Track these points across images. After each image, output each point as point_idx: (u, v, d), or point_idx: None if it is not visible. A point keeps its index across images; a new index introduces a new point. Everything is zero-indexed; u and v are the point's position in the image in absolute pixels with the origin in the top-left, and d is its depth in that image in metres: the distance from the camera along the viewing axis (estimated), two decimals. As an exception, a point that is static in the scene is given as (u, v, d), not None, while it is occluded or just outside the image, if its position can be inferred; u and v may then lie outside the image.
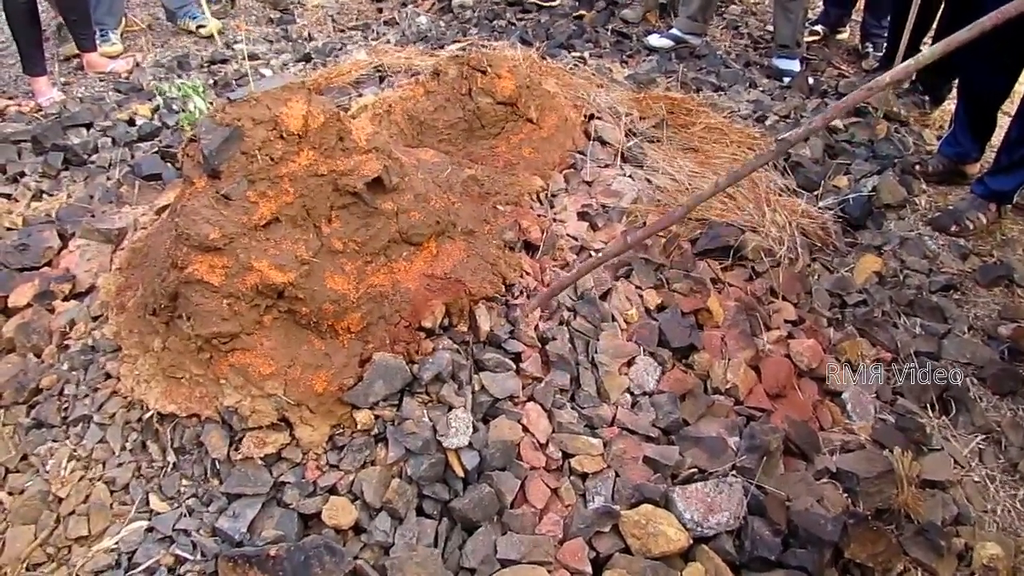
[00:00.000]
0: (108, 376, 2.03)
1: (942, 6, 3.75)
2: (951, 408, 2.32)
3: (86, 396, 2.00)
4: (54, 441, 1.95)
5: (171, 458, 1.87)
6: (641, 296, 2.42)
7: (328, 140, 1.96)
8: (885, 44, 4.43)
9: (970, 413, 2.30)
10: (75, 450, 1.91)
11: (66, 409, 2.01)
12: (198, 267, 1.77)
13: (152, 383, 1.91)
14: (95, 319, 2.20)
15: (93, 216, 2.72)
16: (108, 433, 1.92)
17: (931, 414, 2.31)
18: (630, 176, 2.92)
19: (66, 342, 2.19)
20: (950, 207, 3.21)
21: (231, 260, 1.79)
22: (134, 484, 1.84)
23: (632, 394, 2.16)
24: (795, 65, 4.29)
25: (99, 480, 1.85)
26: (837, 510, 1.91)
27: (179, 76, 4.15)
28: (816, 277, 2.73)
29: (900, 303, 2.67)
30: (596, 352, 2.19)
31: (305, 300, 1.86)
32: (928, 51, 1.83)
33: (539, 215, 2.59)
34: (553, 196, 2.76)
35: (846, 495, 1.98)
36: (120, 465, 1.87)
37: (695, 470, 1.98)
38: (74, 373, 2.08)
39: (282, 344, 1.87)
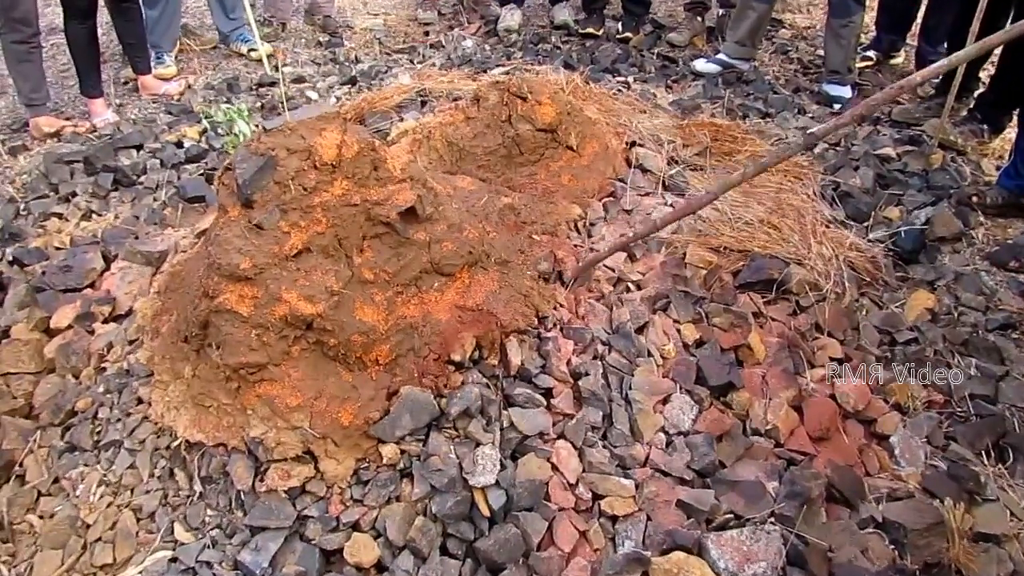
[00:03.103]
0: (140, 401, 2.05)
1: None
2: (1008, 456, 2.19)
3: (118, 420, 2.03)
4: (85, 465, 1.97)
5: (197, 487, 1.87)
6: (679, 330, 2.35)
7: (362, 170, 1.95)
8: (942, 70, 4.28)
9: (1029, 462, 2.17)
10: (105, 475, 1.93)
11: (99, 433, 2.04)
12: (228, 296, 1.78)
13: (182, 410, 1.91)
14: (131, 343, 2.23)
15: (136, 238, 2.78)
16: (138, 459, 1.94)
17: (986, 462, 2.18)
18: (671, 205, 2.86)
19: (103, 364, 2.23)
20: (1009, 241, 3.07)
21: (261, 290, 1.79)
22: (160, 512, 1.85)
23: (667, 433, 2.09)
24: (846, 91, 4.17)
25: (126, 507, 1.86)
26: (882, 563, 1.82)
27: (227, 99, 4.24)
28: (864, 313, 2.62)
29: (954, 342, 2.53)
30: (630, 389, 2.13)
31: (334, 331, 1.85)
32: (963, 52, 1.77)
33: (575, 245, 2.55)
34: (591, 225, 2.71)
35: (892, 547, 1.88)
36: (148, 492, 1.89)
37: (731, 516, 1.91)
38: (108, 396, 2.10)
39: (309, 375, 1.86)
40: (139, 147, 3.68)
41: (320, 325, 1.84)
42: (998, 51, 3.72)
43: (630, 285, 2.48)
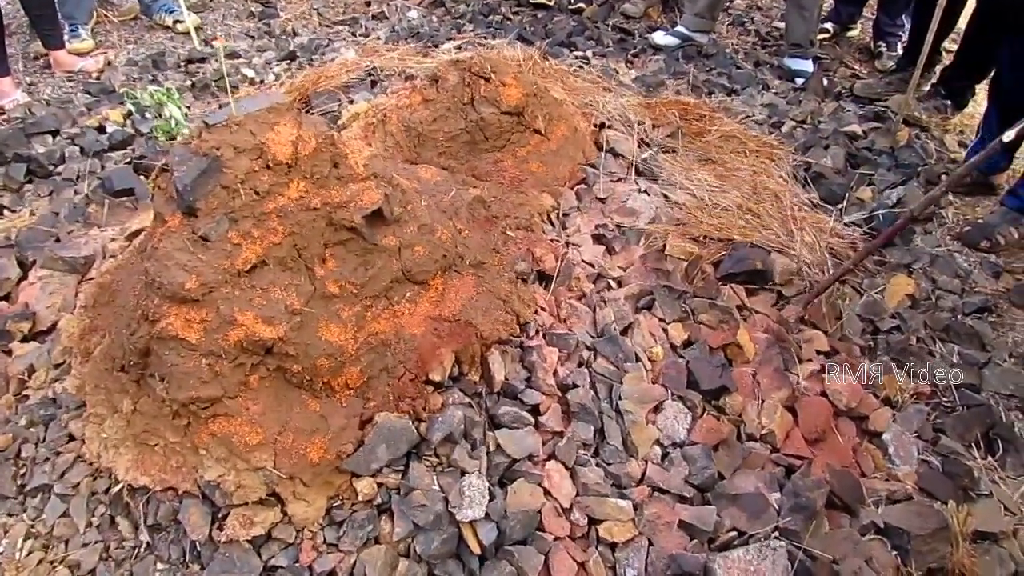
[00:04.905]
0: (71, 438, 1.79)
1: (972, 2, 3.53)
2: (997, 447, 2.14)
3: (46, 460, 1.77)
4: (9, 515, 1.72)
5: (144, 537, 1.63)
6: (666, 331, 2.21)
7: (321, 168, 1.72)
8: (901, 43, 4.22)
9: (1019, 453, 2.12)
10: (33, 526, 1.68)
11: (24, 476, 1.78)
12: (172, 321, 1.53)
13: (121, 449, 1.67)
14: (57, 367, 1.95)
15: (57, 240, 2.47)
16: (72, 506, 1.69)
17: (977, 454, 2.12)
18: (646, 191, 2.70)
19: (25, 391, 1.96)
20: (980, 220, 3.03)
21: (211, 313, 1.54)
22: (101, 569, 1.62)
23: (662, 446, 1.95)
24: (808, 65, 4.07)
25: (61, 563, 1.63)
26: (888, 572, 1.75)
27: (153, 77, 3.87)
28: (846, 301, 2.53)
29: (935, 328, 2.47)
30: (620, 399, 1.98)
31: (297, 356, 1.62)
32: None
33: (552, 239, 2.37)
34: (565, 215, 2.53)
35: (895, 553, 1.81)
36: (85, 545, 1.65)
37: (734, 533, 1.80)
38: (33, 431, 1.84)
39: (271, 408, 1.63)
40: (55, 132, 3.31)
41: (281, 349, 1.61)
42: (963, 23, 3.66)
43: (611, 282, 2.32)
